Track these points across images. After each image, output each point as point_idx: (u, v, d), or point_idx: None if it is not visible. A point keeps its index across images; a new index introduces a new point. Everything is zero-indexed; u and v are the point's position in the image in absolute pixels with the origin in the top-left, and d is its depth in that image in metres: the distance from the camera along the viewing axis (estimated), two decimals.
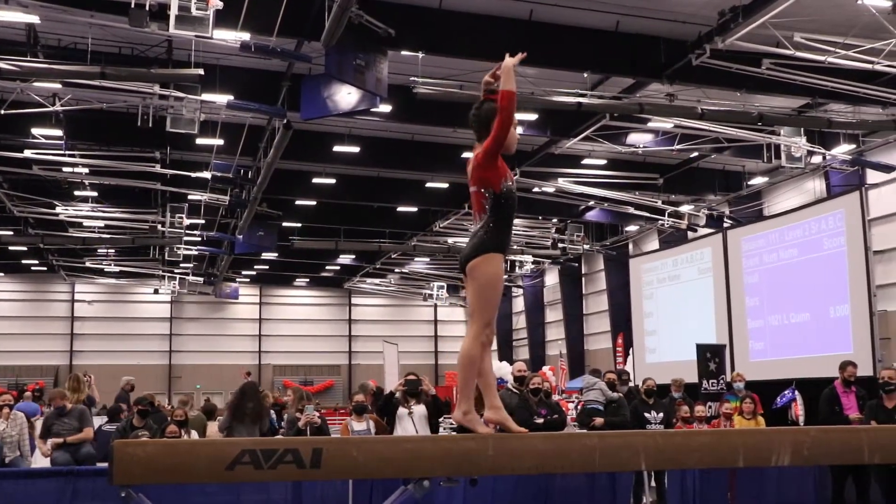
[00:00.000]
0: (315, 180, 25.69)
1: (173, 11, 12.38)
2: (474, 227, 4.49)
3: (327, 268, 42.08)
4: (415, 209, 29.46)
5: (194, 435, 10.36)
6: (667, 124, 20.11)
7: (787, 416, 15.63)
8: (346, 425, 9.57)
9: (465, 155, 23.53)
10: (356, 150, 22.71)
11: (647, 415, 10.93)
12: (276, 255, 34.69)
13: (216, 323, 45.41)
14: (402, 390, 9.84)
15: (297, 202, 28.78)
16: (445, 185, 26.35)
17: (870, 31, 14.68)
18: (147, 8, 12.75)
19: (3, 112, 17.92)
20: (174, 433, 9.41)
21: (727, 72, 15.98)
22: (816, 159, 21.93)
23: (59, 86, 17.84)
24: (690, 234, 26.37)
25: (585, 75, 17.42)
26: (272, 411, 12.28)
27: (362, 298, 47.49)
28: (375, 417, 9.93)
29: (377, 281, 44.81)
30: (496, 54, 16.56)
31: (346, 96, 16.06)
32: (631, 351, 24.97)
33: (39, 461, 10.73)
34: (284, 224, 30.30)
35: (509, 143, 4.41)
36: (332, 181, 25.83)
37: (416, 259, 38.66)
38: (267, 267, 41.12)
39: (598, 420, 10.48)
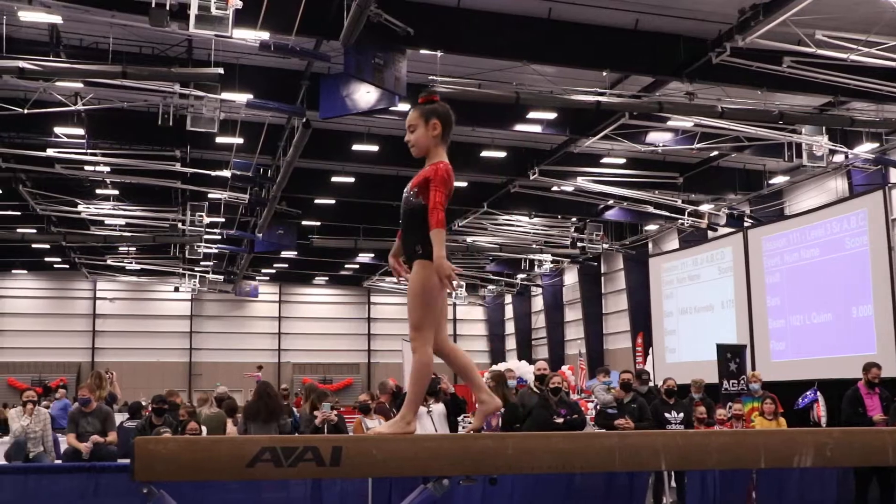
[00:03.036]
0: (334, 179, 25.75)
1: (193, 11, 12.44)
2: None
3: (346, 266, 42.17)
4: None
5: (205, 432, 10.40)
6: (687, 123, 20.03)
7: (809, 418, 15.53)
8: (359, 422, 9.61)
9: (484, 154, 23.59)
10: (375, 148, 22.76)
11: (667, 415, 10.88)
12: (296, 253, 34.81)
13: (236, 321, 45.61)
14: None
15: (317, 201, 28.86)
16: (464, 184, 26.33)
17: (892, 29, 14.59)
18: (167, 7, 12.82)
19: (26, 111, 18.10)
20: (195, 430, 9.47)
21: (748, 70, 15.90)
22: (838, 158, 21.78)
23: (80, 85, 17.99)
24: (711, 234, 26.27)
25: (605, 74, 17.39)
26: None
27: (381, 297, 47.57)
28: (384, 417, 9.97)
29: (396, 279, 44.76)
30: (515, 53, 16.56)
31: (364, 95, 16.09)
32: (651, 350, 24.88)
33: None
34: (304, 222, 30.42)
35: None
36: (352, 180, 25.89)
37: None
38: (286, 265, 41.25)
39: (622, 421, 10.36)
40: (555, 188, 25.65)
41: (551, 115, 20.02)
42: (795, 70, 15.66)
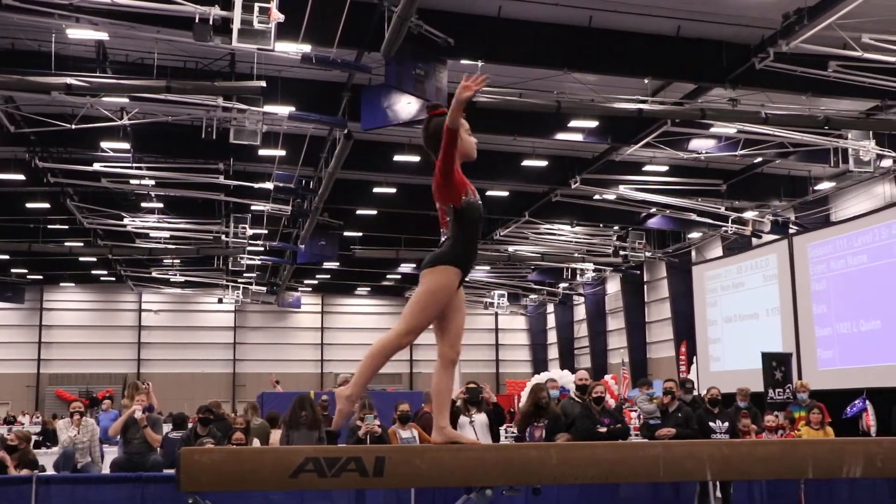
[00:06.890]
0: (376, 190, 25.85)
1: (236, 25, 12.59)
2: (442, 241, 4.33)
3: (388, 276, 42.28)
4: None
5: (256, 443, 10.49)
6: (730, 129, 19.84)
7: (858, 427, 15.27)
8: (393, 432, 9.61)
9: (526, 163, 23.55)
10: (416, 159, 22.79)
11: (711, 424, 10.74)
12: (338, 264, 34.94)
13: (279, 332, 45.90)
14: (464, 399, 9.82)
15: (358, 211, 28.98)
16: (506, 194, 26.30)
17: None
18: (210, 22, 12.97)
19: (73, 126, 18.38)
20: (240, 440, 9.53)
21: (792, 75, 15.71)
22: (886, 163, 21.38)
23: (126, 100, 18.25)
24: (755, 241, 25.97)
25: (646, 81, 17.28)
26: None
27: None
28: (418, 427, 9.95)
29: None
30: (556, 61, 16.46)
31: (406, 106, 16.13)
32: (695, 359, 24.64)
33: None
34: (346, 233, 30.53)
35: (468, 150, 4.26)
36: (393, 190, 25.95)
37: (477, 268, 38.66)
38: (328, 276, 41.46)
39: (664, 430, 10.25)
40: (597, 197, 25.51)
41: (593, 124, 19.93)
42: (841, 74, 15.45)
